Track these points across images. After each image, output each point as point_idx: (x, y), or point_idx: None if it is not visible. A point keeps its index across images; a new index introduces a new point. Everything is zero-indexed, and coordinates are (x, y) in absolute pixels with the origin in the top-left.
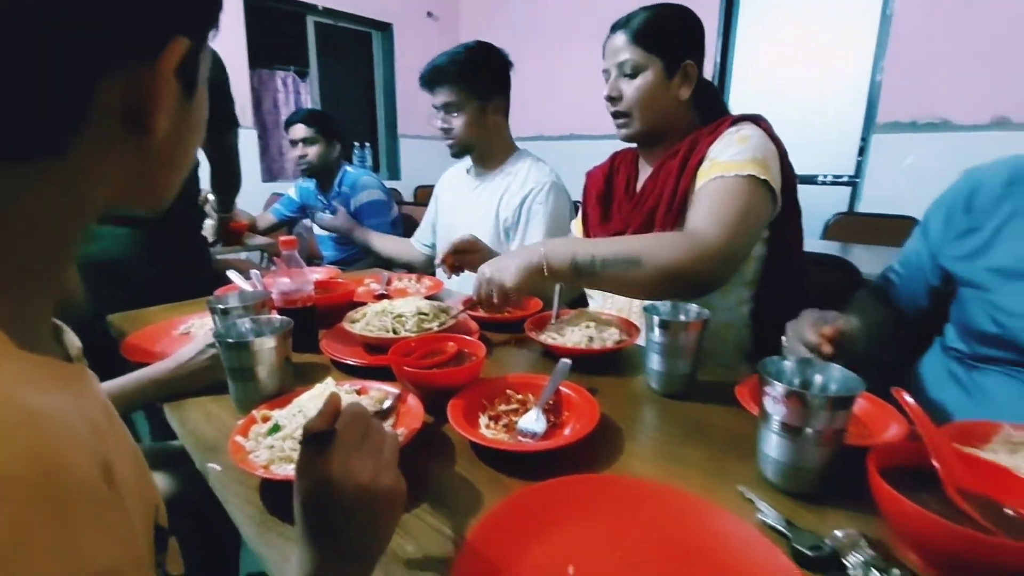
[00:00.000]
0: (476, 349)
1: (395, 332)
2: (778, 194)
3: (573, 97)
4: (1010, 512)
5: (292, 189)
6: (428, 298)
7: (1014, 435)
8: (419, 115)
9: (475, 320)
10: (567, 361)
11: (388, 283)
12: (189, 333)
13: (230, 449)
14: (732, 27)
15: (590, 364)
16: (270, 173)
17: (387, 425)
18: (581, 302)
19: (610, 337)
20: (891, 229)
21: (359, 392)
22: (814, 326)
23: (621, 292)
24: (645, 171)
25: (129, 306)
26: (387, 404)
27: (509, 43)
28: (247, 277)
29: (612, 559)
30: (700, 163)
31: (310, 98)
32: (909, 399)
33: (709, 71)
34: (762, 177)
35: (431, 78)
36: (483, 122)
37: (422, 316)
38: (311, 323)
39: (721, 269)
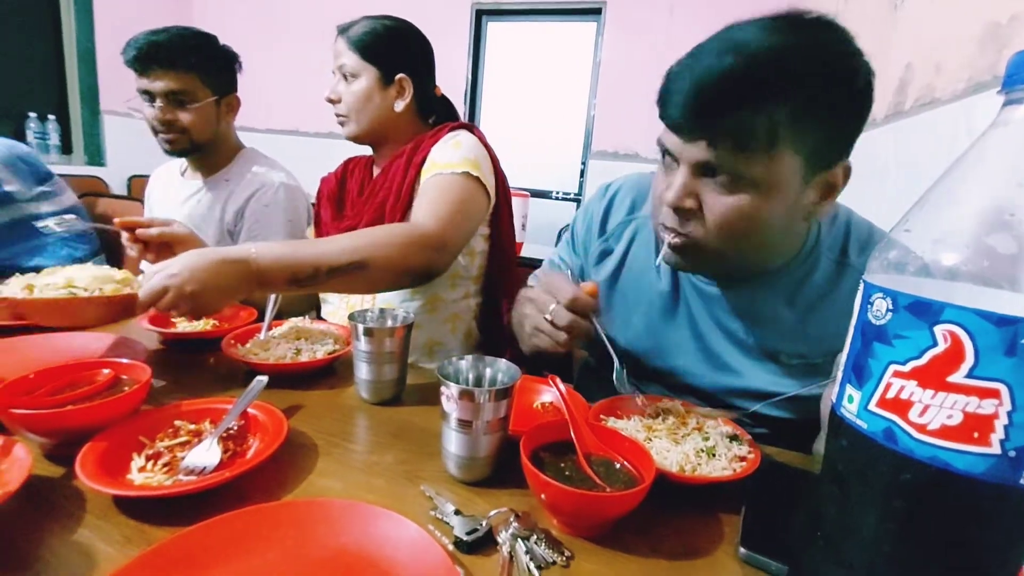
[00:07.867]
0: (138, 374)
1: None
2: (490, 191)
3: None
4: (618, 466)
5: None
6: None
7: (639, 404)
8: (132, 88)
9: (161, 334)
10: (262, 378)
11: None
12: None
13: None
14: (480, 57)
15: (299, 380)
16: None
17: None
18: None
19: (321, 349)
20: None
21: None
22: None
23: (348, 292)
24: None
25: None
26: None
27: (255, 28)
28: None
29: None
30: (424, 161)
31: None
32: (559, 383)
33: (461, 93)
34: (474, 174)
35: (147, 56)
36: (216, 120)
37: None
38: None
39: (441, 256)
